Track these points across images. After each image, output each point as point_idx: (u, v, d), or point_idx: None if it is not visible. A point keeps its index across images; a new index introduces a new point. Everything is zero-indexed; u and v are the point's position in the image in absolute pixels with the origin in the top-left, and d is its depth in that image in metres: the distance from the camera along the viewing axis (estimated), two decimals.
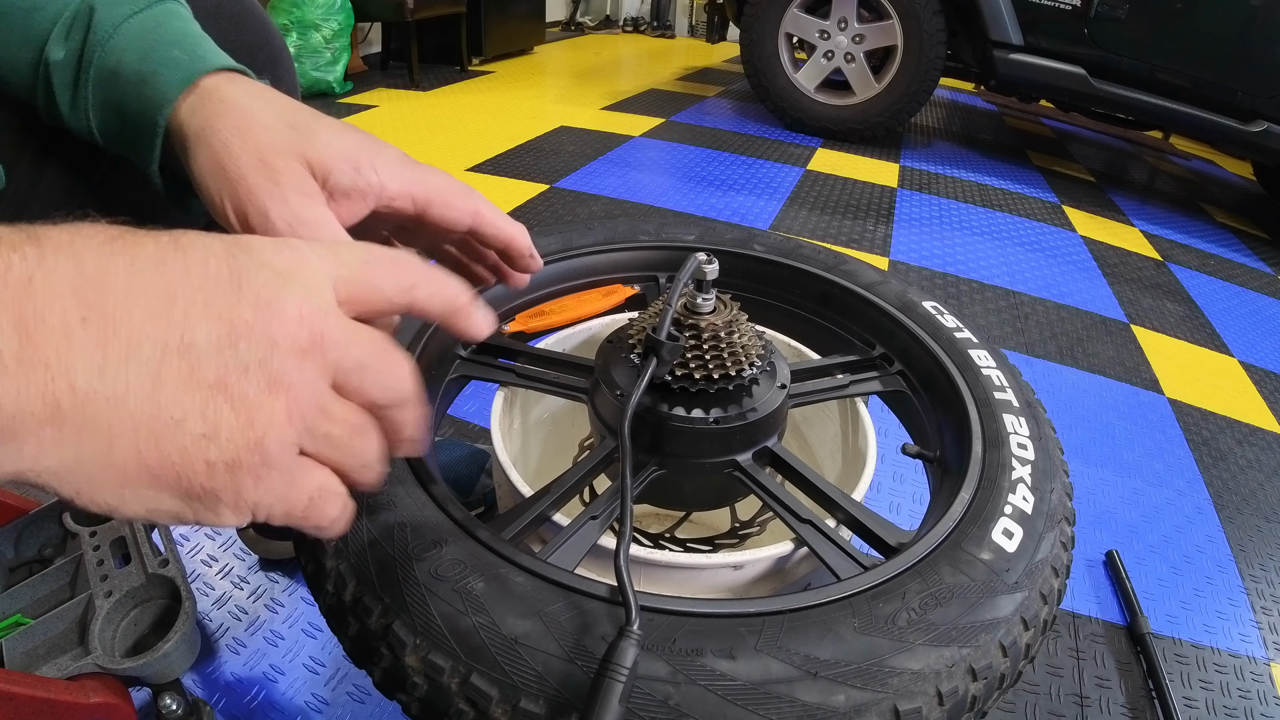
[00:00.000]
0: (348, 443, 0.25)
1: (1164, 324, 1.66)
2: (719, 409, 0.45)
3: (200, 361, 0.21)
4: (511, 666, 0.31)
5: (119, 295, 0.20)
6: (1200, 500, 1.09)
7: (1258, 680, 0.81)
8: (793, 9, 2.55)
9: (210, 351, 0.21)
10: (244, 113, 0.34)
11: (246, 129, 0.33)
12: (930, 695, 0.32)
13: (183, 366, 0.21)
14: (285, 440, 0.23)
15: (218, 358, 0.21)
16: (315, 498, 0.25)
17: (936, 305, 0.60)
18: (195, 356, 0.21)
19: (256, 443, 0.22)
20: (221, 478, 0.22)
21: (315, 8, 2.48)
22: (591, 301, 0.65)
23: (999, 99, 4.06)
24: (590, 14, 5.14)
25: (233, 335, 0.22)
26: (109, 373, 0.20)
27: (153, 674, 0.49)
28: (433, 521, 0.37)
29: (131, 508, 0.21)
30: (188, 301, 0.21)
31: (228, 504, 0.22)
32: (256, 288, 0.22)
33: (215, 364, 0.21)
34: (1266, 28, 2.00)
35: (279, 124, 0.33)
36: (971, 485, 0.44)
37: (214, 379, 0.21)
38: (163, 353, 0.21)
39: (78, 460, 0.20)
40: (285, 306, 0.23)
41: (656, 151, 2.38)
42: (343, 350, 0.24)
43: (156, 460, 0.21)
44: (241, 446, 0.22)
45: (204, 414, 0.21)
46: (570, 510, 0.44)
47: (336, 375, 0.24)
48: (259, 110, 0.34)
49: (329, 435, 0.24)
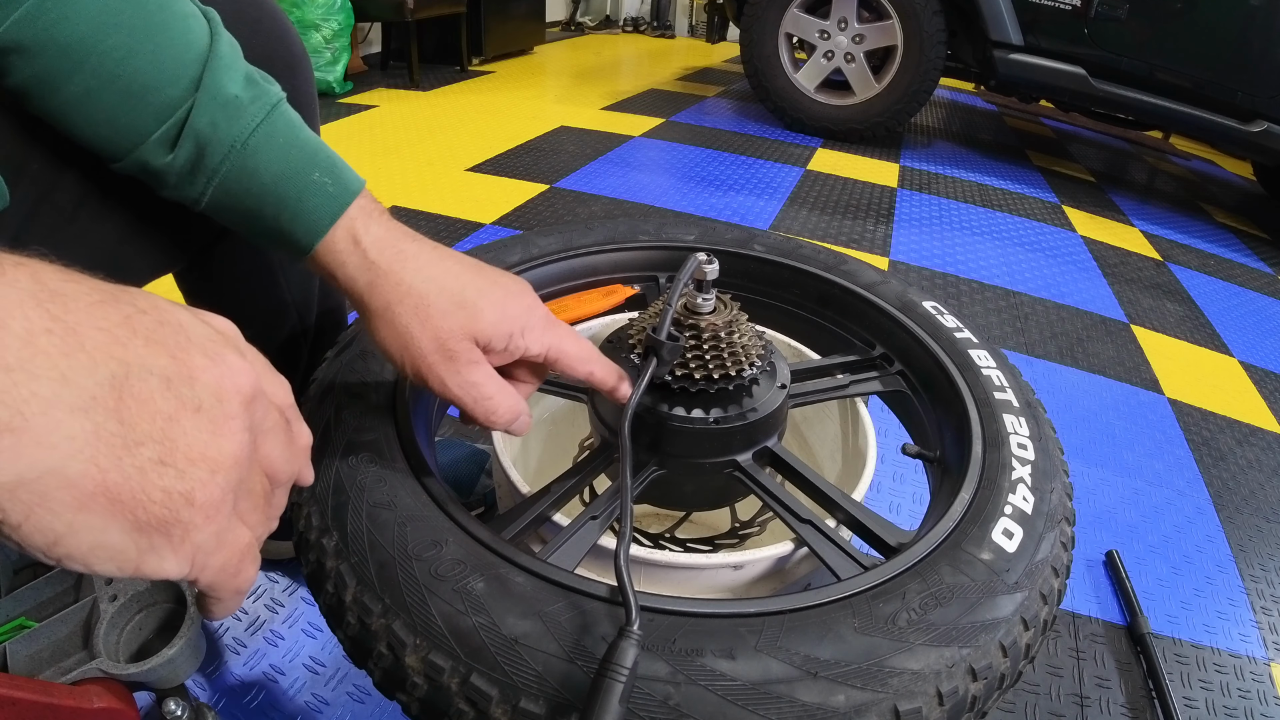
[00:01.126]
0: (263, 504, 0.26)
1: (1164, 324, 1.66)
2: (719, 409, 0.45)
3: (158, 391, 0.21)
4: (511, 666, 0.31)
5: (81, 314, 0.20)
6: (1200, 500, 1.09)
7: (1258, 680, 0.81)
8: (793, 9, 2.55)
9: (168, 384, 0.22)
10: (421, 298, 0.39)
11: (426, 316, 0.39)
12: (930, 695, 0.32)
13: (144, 389, 0.21)
14: (229, 484, 0.23)
15: (174, 391, 0.22)
16: (244, 556, 0.25)
17: (936, 305, 0.60)
18: (154, 385, 0.21)
19: (207, 480, 0.22)
20: (177, 508, 0.22)
21: (315, 8, 2.48)
22: (591, 301, 0.65)
23: (999, 99, 4.06)
24: (590, 14, 5.14)
25: (189, 375, 0.22)
26: (73, 382, 0.20)
27: (157, 679, 0.49)
28: (433, 521, 0.37)
29: (77, 539, 0.20)
30: (146, 337, 0.22)
31: (174, 544, 0.22)
32: (202, 343, 0.23)
33: (172, 397, 0.22)
34: (1266, 28, 2.00)
35: (450, 306, 0.39)
36: (971, 485, 0.44)
37: (170, 410, 0.22)
38: (126, 372, 0.21)
39: (34, 474, 0.19)
40: (230, 359, 0.24)
41: (656, 151, 2.38)
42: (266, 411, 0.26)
43: (117, 481, 0.20)
44: (194, 481, 0.22)
45: (163, 440, 0.21)
46: (570, 510, 0.44)
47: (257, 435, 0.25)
48: (434, 297, 0.39)
49: (252, 491, 0.25)
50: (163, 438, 0.21)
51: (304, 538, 0.39)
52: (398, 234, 0.41)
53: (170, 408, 0.22)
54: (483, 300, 0.40)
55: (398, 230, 0.42)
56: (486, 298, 0.40)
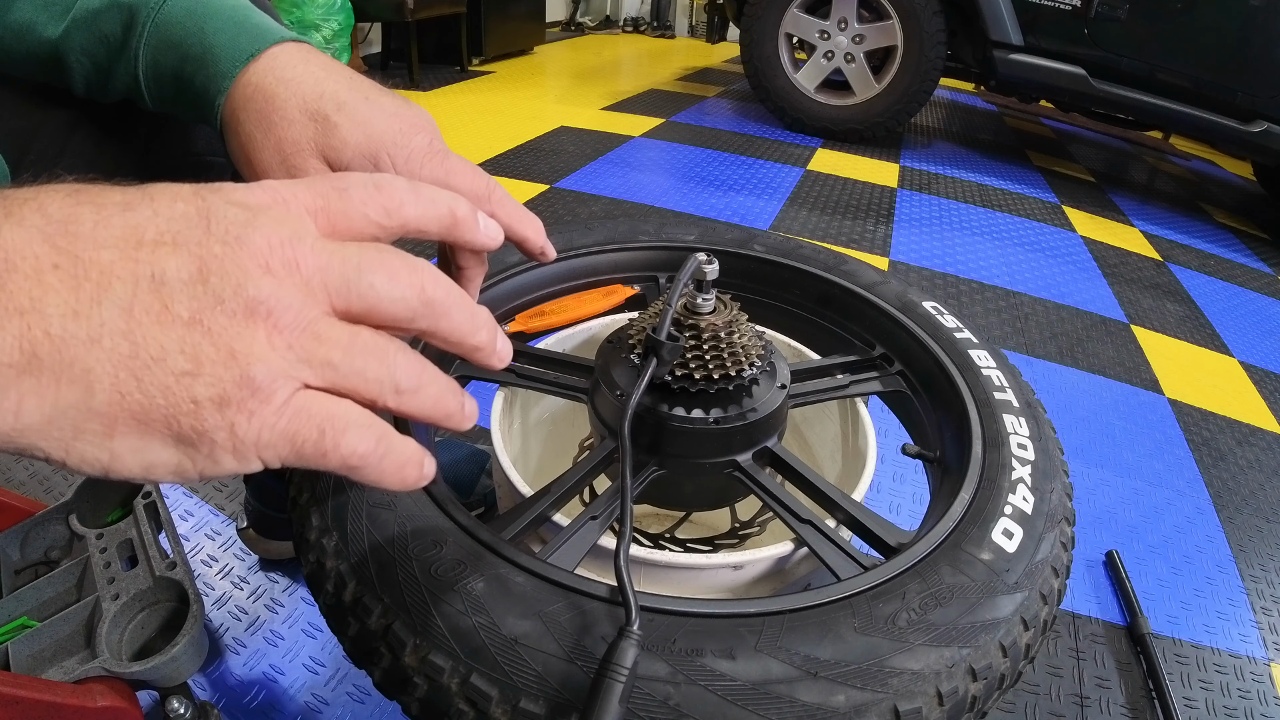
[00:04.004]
0: (354, 366, 0.23)
1: (1164, 324, 1.66)
2: (719, 409, 0.45)
3: (173, 297, 0.21)
4: (511, 666, 0.31)
5: (86, 239, 0.20)
6: (1200, 500, 1.09)
7: (1258, 680, 0.81)
8: (793, 9, 2.55)
9: (182, 286, 0.21)
10: (267, 101, 0.34)
11: (269, 122, 0.34)
12: (930, 695, 0.32)
13: (155, 303, 0.20)
14: (274, 370, 0.21)
15: (190, 292, 0.21)
16: (327, 429, 0.22)
17: (936, 305, 0.60)
18: (168, 293, 0.21)
19: (242, 376, 0.21)
20: (212, 417, 0.21)
21: (315, 8, 2.48)
22: (591, 301, 0.65)
23: (999, 99, 4.06)
24: (590, 14, 5.14)
25: (204, 270, 0.21)
26: (83, 314, 0.20)
27: (160, 677, 0.49)
28: (433, 521, 0.37)
29: (126, 463, 0.21)
30: (155, 240, 0.21)
31: (224, 447, 0.21)
32: (225, 224, 0.22)
33: (188, 299, 0.21)
34: (1266, 28, 2.00)
35: (300, 115, 0.34)
36: (971, 485, 0.44)
37: (189, 314, 0.21)
38: (134, 290, 0.20)
39: (60, 411, 0.20)
40: (254, 238, 0.22)
41: (656, 152, 2.38)
42: (325, 271, 0.23)
43: (140, 402, 0.20)
44: (227, 381, 0.21)
45: (183, 350, 0.20)
46: (570, 510, 0.44)
47: (333, 300, 0.23)
48: (283, 99, 0.34)
49: (329, 362, 0.22)
50: (184, 347, 0.20)
51: (304, 538, 0.39)
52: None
53: (188, 310, 0.21)
54: (341, 114, 0.34)
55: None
56: (347, 111, 0.34)
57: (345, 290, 0.23)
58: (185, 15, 0.37)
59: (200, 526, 0.84)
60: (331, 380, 0.23)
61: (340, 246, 0.23)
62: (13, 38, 0.39)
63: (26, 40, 0.39)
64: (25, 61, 0.40)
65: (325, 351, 0.22)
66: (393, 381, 0.23)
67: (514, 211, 0.38)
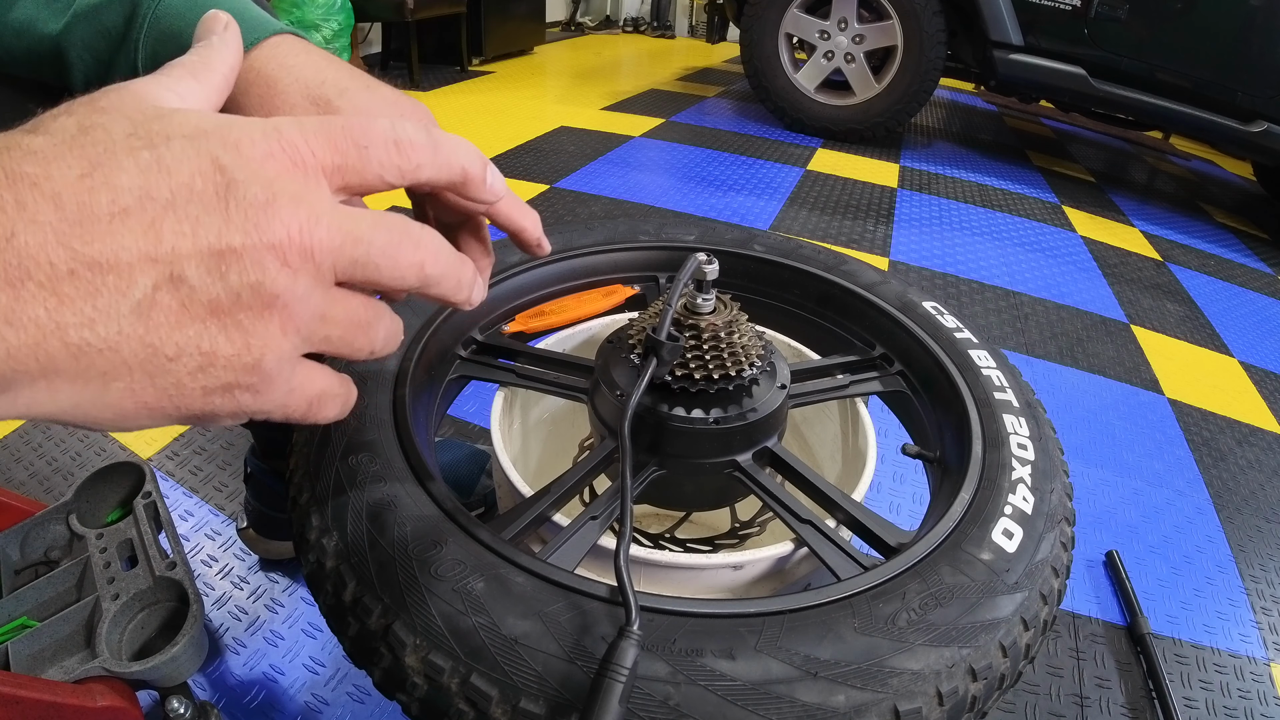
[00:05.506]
0: (345, 339, 0.25)
1: (1164, 324, 1.66)
2: (719, 409, 0.45)
3: (191, 295, 0.21)
4: (511, 667, 0.31)
5: (103, 238, 0.20)
6: (1200, 500, 1.09)
7: (1258, 680, 0.81)
8: (793, 9, 2.55)
9: (201, 284, 0.21)
10: (269, 86, 0.35)
11: (271, 106, 0.35)
12: (930, 695, 0.32)
13: (173, 303, 0.21)
14: (282, 356, 0.23)
15: (209, 289, 0.21)
16: (315, 402, 0.25)
17: (936, 305, 0.60)
18: (186, 291, 0.21)
19: (253, 364, 0.22)
20: (218, 400, 0.22)
21: (315, 8, 2.48)
22: (591, 301, 0.65)
23: (999, 99, 4.06)
24: (590, 14, 5.14)
25: (223, 264, 0.21)
26: (100, 323, 0.20)
27: (160, 677, 0.49)
28: (433, 521, 0.37)
29: (130, 429, 0.22)
30: (175, 234, 0.21)
31: (225, 417, 0.23)
32: (244, 207, 0.21)
33: (207, 295, 0.21)
34: (1266, 28, 2.00)
35: (302, 100, 0.35)
36: (971, 485, 0.44)
37: (206, 310, 0.21)
38: (153, 292, 0.20)
39: (75, 404, 0.21)
40: (274, 226, 0.22)
41: (656, 152, 2.38)
42: (338, 254, 0.23)
43: (153, 397, 0.21)
44: (239, 370, 0.22)
45: (199, 347, 0.21)
46: (570, 510, 0.44)
47: (339, 275, 0.24)
48: (285, 84, 0.35)
49: (328, 338, 0.25)
50: (199, 345, 0.21)
51: (304, 538, 0.39)
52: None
53: (206, 306, 0.21)
54: (344, 99, 0.35)
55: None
56: (349, 97, 0.35)
57: (352, 269, 0.24)
58: (186, 6, 0.38)
59: (200, 526, 0.84)
60: (323, 348, 0.25)
61: (354, 222, 0.24)
62: (12, 35, 0.39)
63: (27, 37, 0.39)
64: (25, 59, 0.40)
65: (326, 330, 0.24)
66: (370, 349, 0.27)
67: (512, 202, 0.38)
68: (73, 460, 0.91)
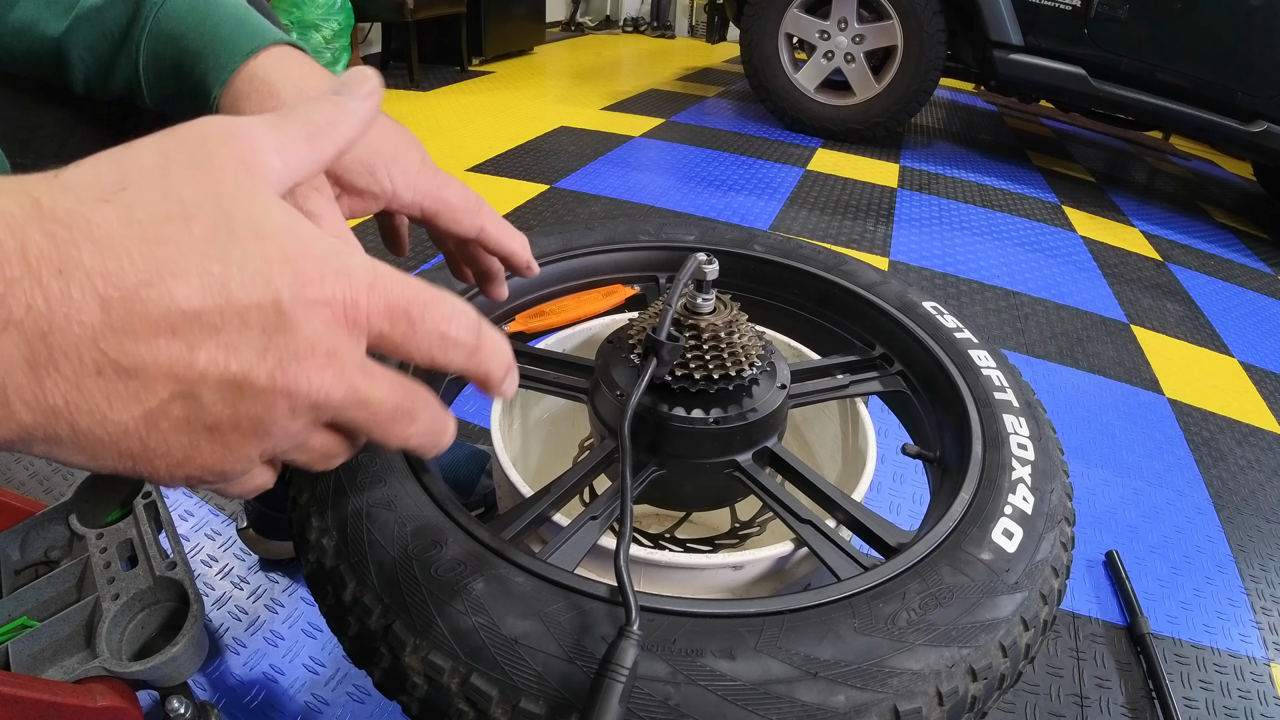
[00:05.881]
0: (310, 465, 0.26)
1: (1164, 324, 1.66)
2: (719, 409, 0.45)
3: (199, 412, 0.21)
4: (511, 667, 0.31)
5: (140, 350, 0.20)
6: (1200, 500, 1.09)
7: (1258, 680, 0.81)
8: (793, 9, 2.55)
9: (211, 405, 0.21)
10: (271, 94, 0.35)
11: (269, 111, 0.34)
12: (930, 695, 0.32)
13: (181, 416, 0.21)
14: (249, 466, 0.24)
15: (216, 411, 0.22)
16: (251, 490, 0.26)
17: (936, 305, 0.60)
18: (196, 409, 0.21)
19: (221, 472, 0.23)
20: (180, 479, 0.23)
21: (315, 8, 2.48)
22: (591, 301, 0.65)
23: (999, 99, 4.06)
24: (590, 14, 5.14)
25: (238, 394, 0.21)
26: (109, 420, 0.20)
27: (160, 677, 0.49)
28: (433, 521, 0.37)
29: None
30: (209, 360, 0.21)
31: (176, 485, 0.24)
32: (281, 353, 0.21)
33: (212, 415, 0.22)
34: (1266, 28, 2.00)
35: None
36: (971, 485, 0.44)
37: (206, 426, 0.22)
38: (166, 404, 0.21)
39: (63, 458, 0.21)
40: (299, 379, 0.22)
41: (656, 152, 2.38)
42: (339, 410, 0.24)
43: (131, 469, 0.22)
44: (207, 472, 0.23)
45: (184, 450, 0.22)
46: (570, 510, 0.44)
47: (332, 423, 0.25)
48: (287, 94, 0.35)
49: (294, 460, 0.26)
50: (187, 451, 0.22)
51: (304, 538, 0.39)
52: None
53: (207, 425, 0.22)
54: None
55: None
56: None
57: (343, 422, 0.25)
58: (188, 10, 0.38)
59: (200, 526, 0.84)
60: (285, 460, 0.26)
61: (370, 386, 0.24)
62: (13, 36, 0.39)
63: (28, 38, 0.39)
64: (26, 59, 0.40)
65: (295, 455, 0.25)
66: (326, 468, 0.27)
67: (502, 227, 0.40)
68: None
